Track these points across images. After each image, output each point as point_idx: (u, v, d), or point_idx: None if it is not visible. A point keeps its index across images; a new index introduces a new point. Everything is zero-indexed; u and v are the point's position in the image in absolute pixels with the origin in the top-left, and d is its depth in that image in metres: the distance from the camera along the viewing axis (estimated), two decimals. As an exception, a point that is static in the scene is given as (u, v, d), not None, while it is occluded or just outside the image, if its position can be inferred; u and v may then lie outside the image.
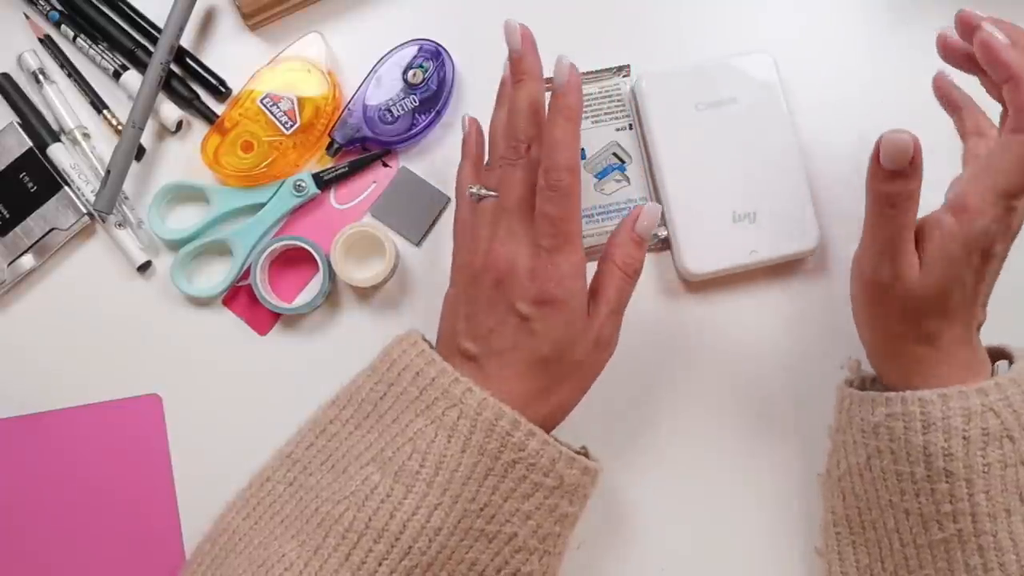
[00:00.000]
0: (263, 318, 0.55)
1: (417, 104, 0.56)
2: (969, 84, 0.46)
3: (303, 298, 0.56)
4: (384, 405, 0.43)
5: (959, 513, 0.41)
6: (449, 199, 0.56)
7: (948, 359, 0.43)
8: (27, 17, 0.59)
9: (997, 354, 0.46)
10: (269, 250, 0.54)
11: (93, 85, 0.58)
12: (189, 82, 0.58)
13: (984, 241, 0.41)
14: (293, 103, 0.56)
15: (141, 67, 0.57)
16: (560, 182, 0.42)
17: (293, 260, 0.56)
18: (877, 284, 0.43)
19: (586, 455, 0.45)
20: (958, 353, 0.43)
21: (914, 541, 0.43)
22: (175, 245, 0.56)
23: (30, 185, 0.56)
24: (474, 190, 0.46)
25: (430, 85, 0.56)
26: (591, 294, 0.44)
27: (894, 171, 0.40)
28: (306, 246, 0.54)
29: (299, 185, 0.56)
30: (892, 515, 0.44)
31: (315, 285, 0.55)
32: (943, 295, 0.42)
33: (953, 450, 0.41)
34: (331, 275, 0.55)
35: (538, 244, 0.43)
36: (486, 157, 0.50)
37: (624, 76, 0.57)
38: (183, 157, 0.57)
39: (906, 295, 0.42)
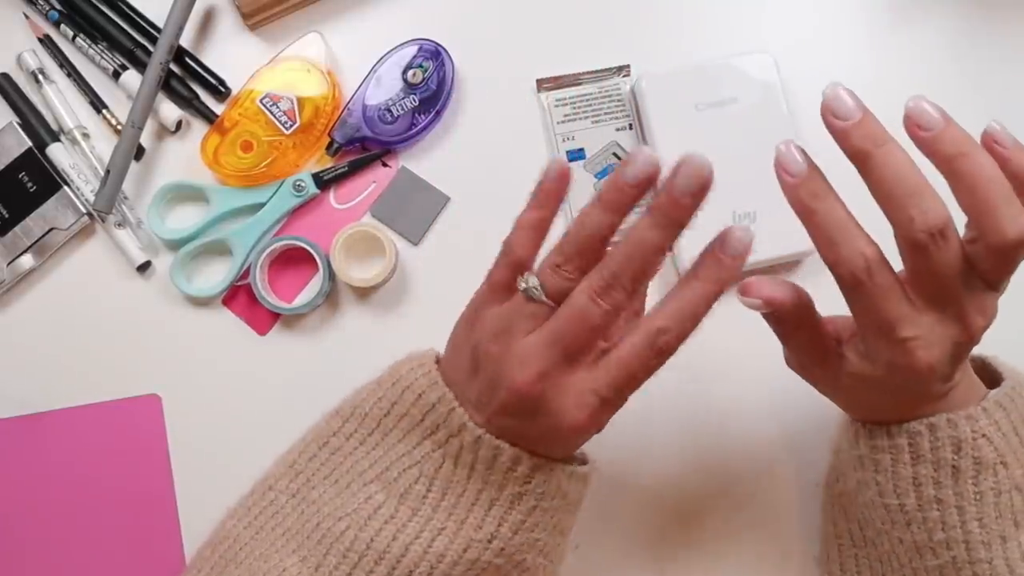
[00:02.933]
0: (263, 318, 0.55)
1: (417, 104, 0.56)
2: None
3: (303, 298, 0.56)
4: (388, 423, 0.42)
5: (952, 541, 0.40)
6: (448, 199, 0.56)
7: (926, 399, 0.41)
8: (27, 17, 0.59)
9: (980, 367, 0.44)
10: (269, 250, 0.54)
11: (93, 85, 0.57)
12: (189, 82, 0.58)
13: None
14: (293, 103, 0.56)
15: (141, 67, 0.57)
16: (669, 349, 0.38)
17: (293, 260, 0.56)
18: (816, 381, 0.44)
19: (583, 459, 0.45)
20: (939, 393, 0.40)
21: (911, 564, 0.42)
22: (175, 245, 0.56)
23: (29, 185, 0.56)
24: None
25: (430, 85, 0.56)
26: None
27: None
28: (306, 246, 0.54)
29: (299, 185, 0.56)
30: (887, 540, 0.43)
31: (315, 285, 0.55)
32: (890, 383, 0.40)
33: (942, 479, 0.39)
34: (331, 275, 0.54)
35: (596, 391, 0.38)
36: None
37: (624, 76, 0.57)
38: (183, 157, 0.57)
39: (851, 383, 0.41)
